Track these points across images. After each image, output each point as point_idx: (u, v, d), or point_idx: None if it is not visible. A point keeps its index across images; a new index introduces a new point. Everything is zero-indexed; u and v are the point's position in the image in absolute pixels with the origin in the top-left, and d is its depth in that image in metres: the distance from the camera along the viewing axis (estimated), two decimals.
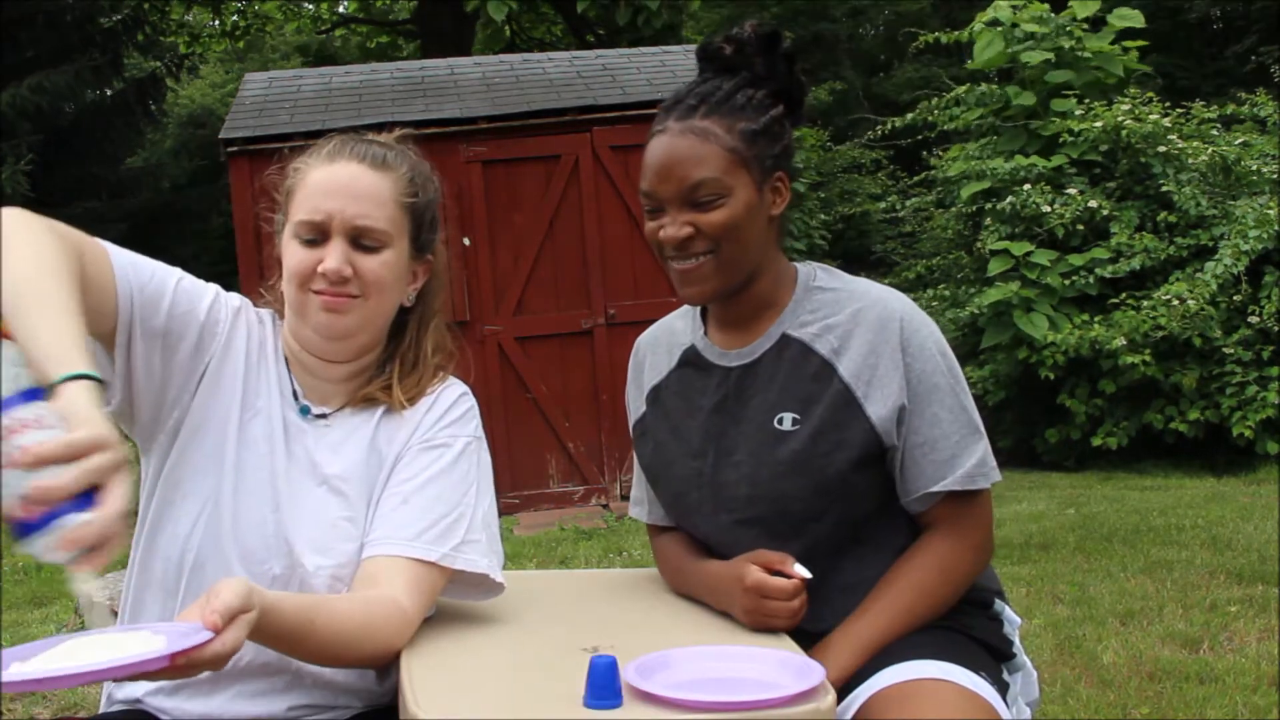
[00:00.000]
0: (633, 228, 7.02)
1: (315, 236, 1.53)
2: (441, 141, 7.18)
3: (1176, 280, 7.40)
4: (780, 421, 1.60)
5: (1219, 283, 7.11)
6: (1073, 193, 7.89)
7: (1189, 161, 7.82)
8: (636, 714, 1.21)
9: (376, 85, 8.14)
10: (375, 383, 1.61)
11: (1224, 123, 8.75)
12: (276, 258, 1.60)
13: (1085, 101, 8.27)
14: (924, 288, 9.41)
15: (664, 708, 1.22)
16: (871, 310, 1.60)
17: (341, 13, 19.12)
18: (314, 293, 1.52)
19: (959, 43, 9.39)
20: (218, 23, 16.63)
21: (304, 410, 1.59)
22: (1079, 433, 7.81)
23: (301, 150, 1.61)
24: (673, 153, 1.57)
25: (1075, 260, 7.78)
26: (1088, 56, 8.47)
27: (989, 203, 8.19)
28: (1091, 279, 7.70)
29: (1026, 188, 7.95)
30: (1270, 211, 7.25)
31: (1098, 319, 7.56)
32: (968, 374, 8.13)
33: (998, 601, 1.70)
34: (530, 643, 1.50)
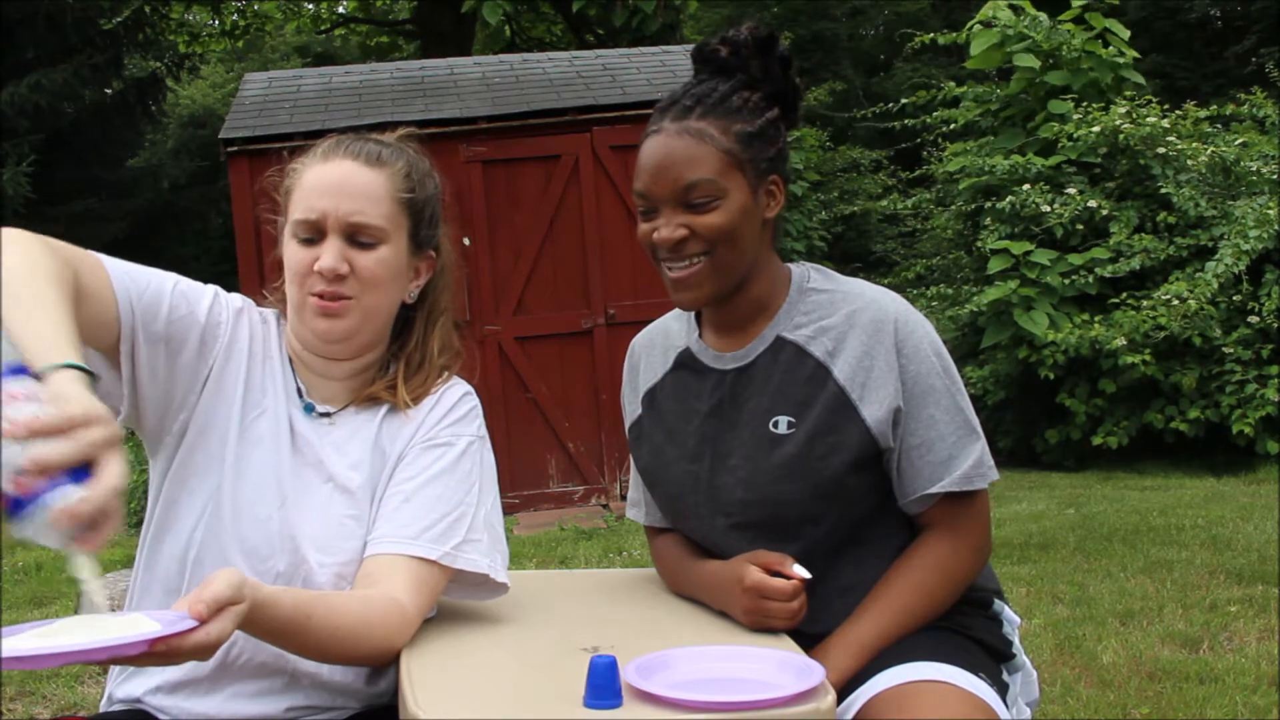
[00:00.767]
0: (632, 228, 6.96)
1: (312, 235, 1.53)
2: (441, 141, 7.18)
3: (1176, 280, 7.41)
4: (776, 425, 1.60)
5: (1220, 282, 7.11)
6: (1072, 192, 7.89)
7: (1188, 163, 7.83)
8: (636, 714, 1.21)
9: (376, 85, 8.14)
10: (380, 382, 1.61)
11: (1223, 123, 8.75)
12: (278, 259, 1.60)
13: (1083, 105, 8.27)
14: (924, 287, 9.41)
15: (664, 708, 1.22)
16: (866, 312, 1.59)
17: (341, 13, 19.12)
18: (311, 295, 1.52)
19: (957, 43, 9.39)
20: (217, 23, 16.63)
21: (308, 409, 1.59)
22: (1079, 432, 7.81)
23: (302, 151, 1.61)
24: (668, 153, 1.56)
25: (1075, 260, 7.78)
26: (1083, 59, 8.46)
27: (989, 202, 8.19)
28: (1091, 279, 7.70)
29: (1026, 187, 7.96)
30: (1270, 211, 7.25)
31: (1098, 319, 7.56)
32: (968, 374, 8.20)
33: (997, 601, 1.70)
34: (530, 643, 1.50)
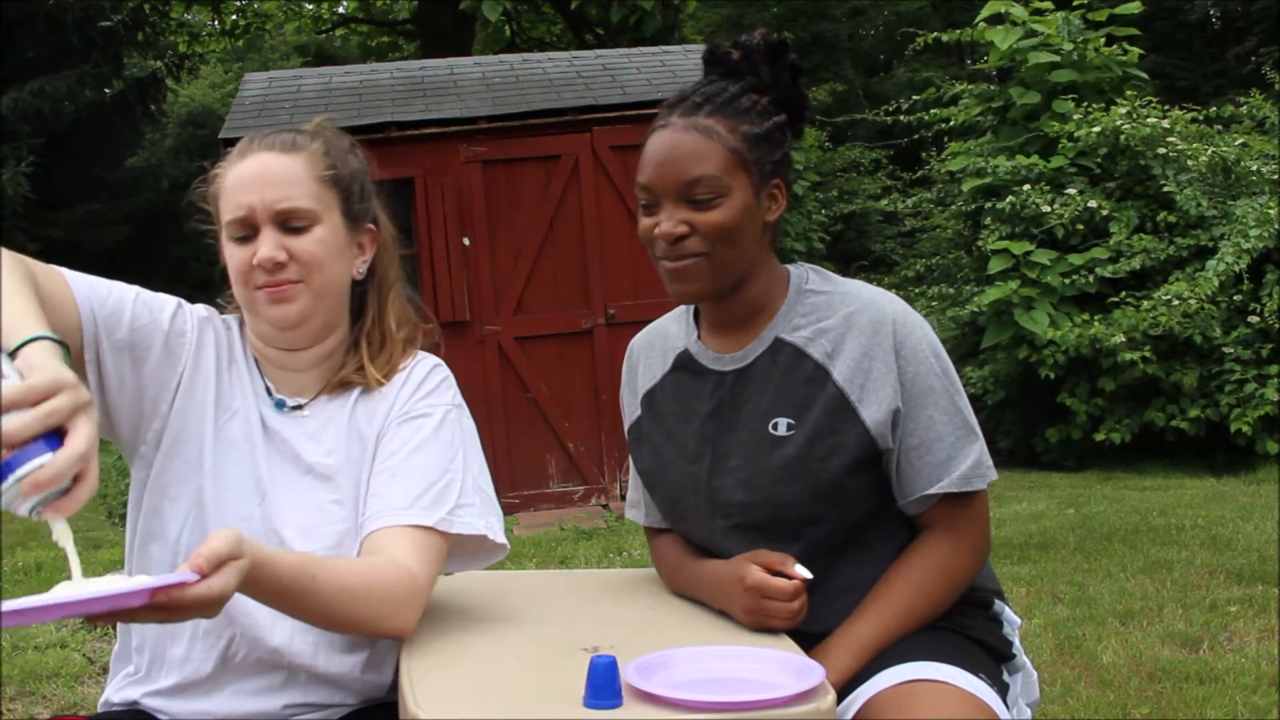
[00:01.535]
0: (633, 228, 6.99)
1: (246, 232, 1.53)
2: (441, 141, 7.19)
3: (1176, 280, 7.41)
4: (775, 427, 1.60)
5: (1220, 281, 7.12)
6: (1072, 193, 7.89)
7: (1188, 163, 7.83)
8: (636, 714, 1.21)
9: (376, 85, 8.14)
10: (347, 366, 1.62)
11: (1223, 124, 8.75)
12: (224, 268, 1.60)
13: (1084, 105, 8.27)
14: (924, 287, 9.41)
15: (664, 708, 1.22)
16: (864, 313, 1.60)
17: (341, 13, 19.12)
18: (258, 289, 1.53)
19: (959, 43, 9.39)
20: (217, 23, 16.62)
21: (279, 405, 1.60)
22: (1079, 432, 7.82)
23: (221, 158, 1.62)
24: (675, 147, 1.57)
25: (1075, 260, 7.78)
26: (1090, 57, 8.47)
27: (989, 202, 8.19)
28: (1091, 278, 7.71)
29: (1026, 188, 7.96)
30: (1270, 211, 7.25)
31: (1098, 318, 7.57)
32: (968, 374, 8.20)
33: (997, 602, 1.70)
34: (530, 643, 1.50)
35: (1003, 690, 1.56)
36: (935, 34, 9.54)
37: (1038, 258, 7.82)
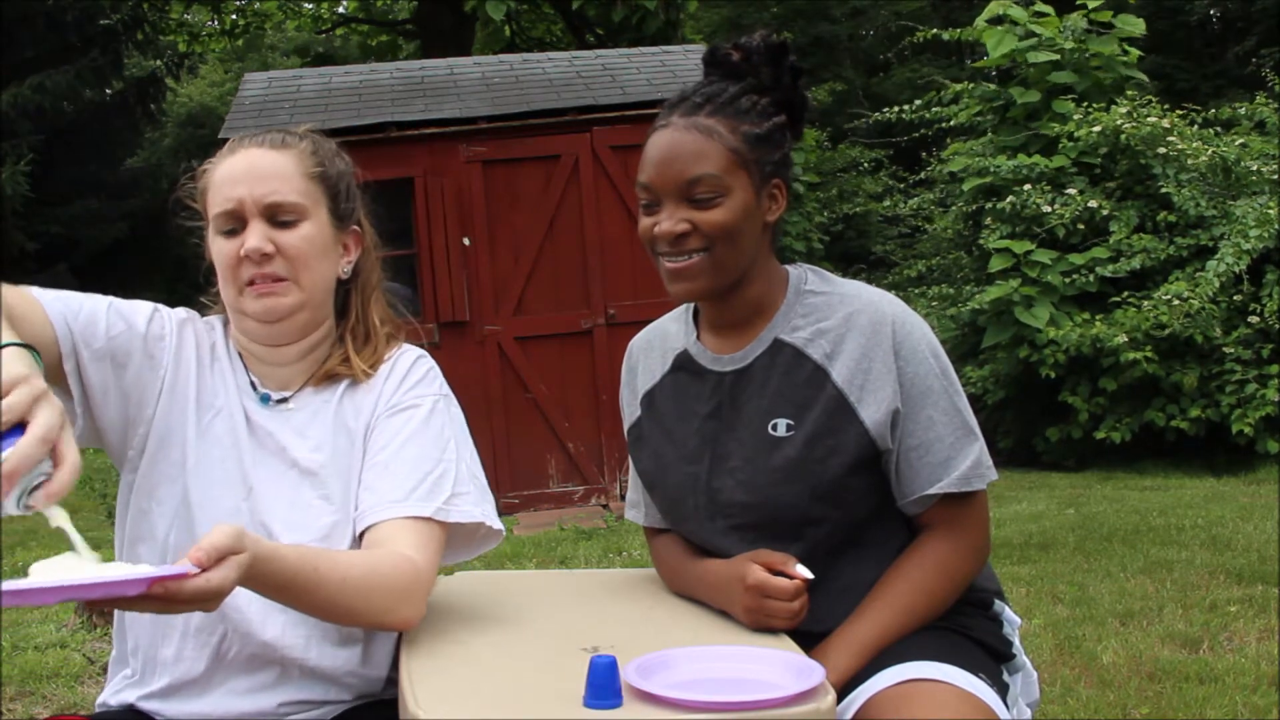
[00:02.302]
0: (633, 228, 6.97)
1: (233, 225, 1.54)
2: (441, 141, 7.19)
3: (1176, 280, 7.42)
4: (775, 427, 1.60)
5: (1220, 281, 7.12)
6: (1072, 193, 7.90)
7: (1188, 162, 7.83)
8: (636, 714, 1.21)
9: (376, 85, 8.13)
10: (333, 358, 1.62)
11: (1223, 125, 8.76)
12: (209, 262, 1.61)
13: (1084, 105, 8.27)
14: (924, 286, 9.41)
15: (664, 708, 1.22)
16: (863, 314, 1.60)
17: (341, 13, 19.12)
18: (246, 284, 1.53)
19: (959, 42, 9.38)
20: (217, 22, 16.63)
21: (264, 399, 1.60)
22: (1080, 431, 7.82)
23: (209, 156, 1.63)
24: (675, 146, 1.57)
25: (1075, 259, 7.79)
26: (1090, 58, 8.47)
27: (990, 202, 8.20)
28: (1092, 278, 7.71)
29: (1027, 187, 7.96)
30: (1270, 211, 7.25)
31: (1099, 317, 7.57)
32: (968, 373, 8.20)
33: (997, 602, 1.70)
34: (530, 643, 1.50)
35: (1003, 690, 1.56)
36: (935, 31, 9.54)
37: (1038, 257, 7.83)
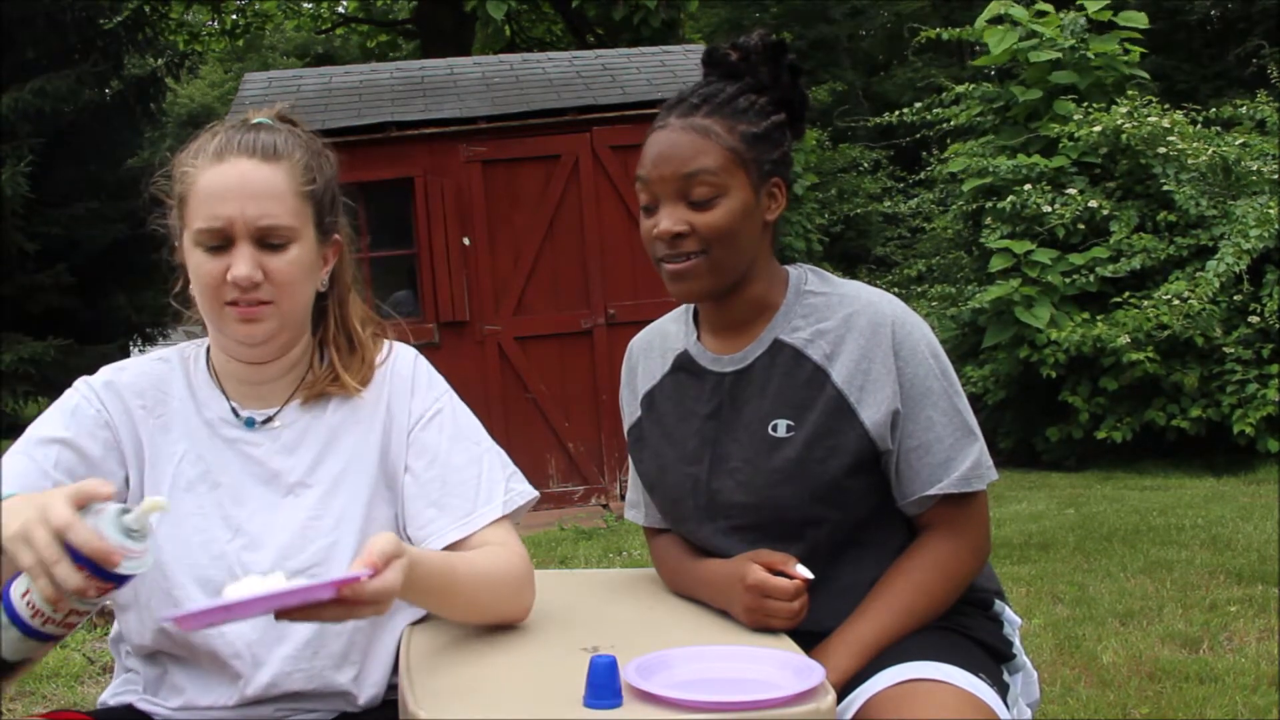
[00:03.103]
0: (633, 228, 7.03)
1: (219, 243, 1.44)
2: (441, 141, 7.19)
3: (1176, 279, 7.41)
4: (775, 428, 1.60)
5: (1221, 281, 7.12)
6: (1073, 193, 7.89)
7: (1189, 162, 7.83)
8: (636, 714, 1.21)
9: (376, 85, 8.14)
10: (321, 378, 1.57)
11: (1223, 125, 8.76)
12: (180, 263, 1.54)
13: (1084, 104, 8.27)
14: (925, 286, 9.41)
15: (664, 708, 1.22)
16: (863, 315, 1.60)
17: (341, 13, 19.12)
18: (228, 304, 1.45)
19: (960, 42, 9.38)
20: (217, 22, 16.62)
21: (249, 423, 1.55)
22: (1080, 431, 7.82)
23: (183, 149, 1.51)
24: (672, 147, 1.58)
25: (1076, 259, 7.79)
26: (1091, 58, 8.47)
27: (990, 202, 8.19)
28: (1092, 278, 7.71)
29: (1027, 187, 7.96)
30: (1271, 211, 7.25)
31: (1100, 317, 7.57)
32: (968, 373, 8.19)
33: (998, 602, 1.70)
34: (530, 643, 1.50)
35: (1003, 690, 1.56)
36: (937, 30, 9.54)
37: (1039, 257, 7.83)
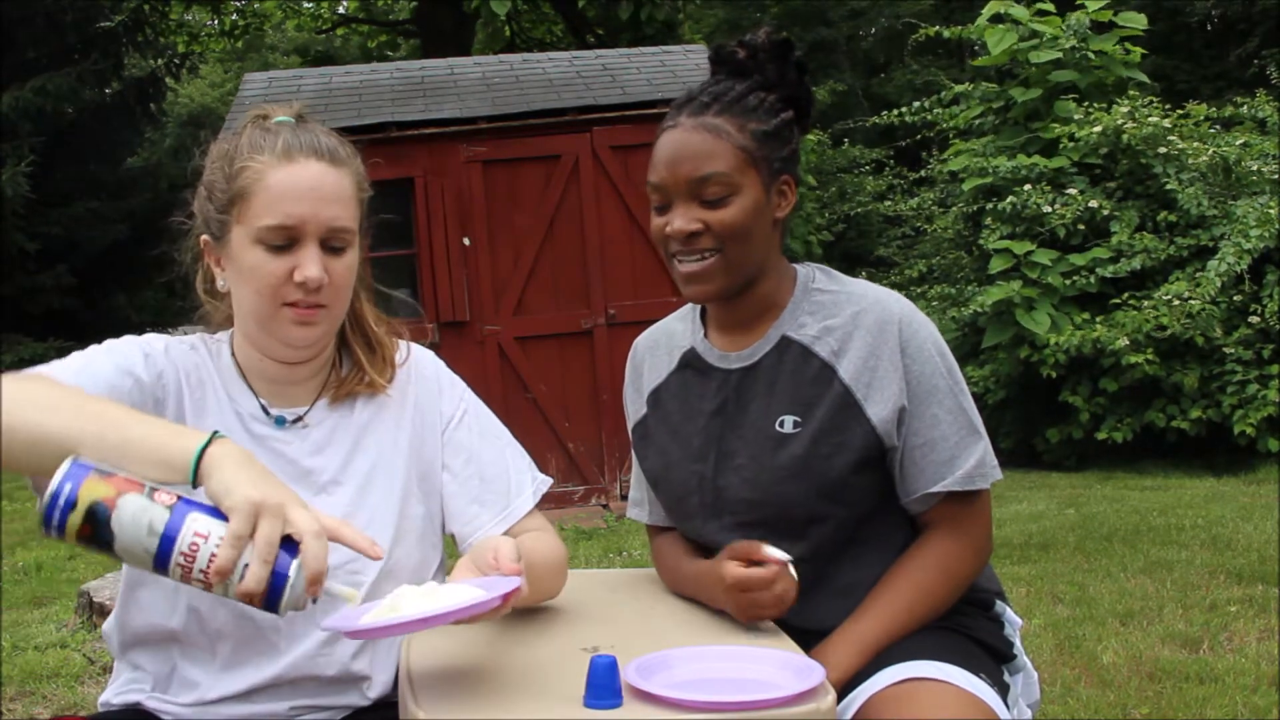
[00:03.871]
0: (633, 227, 7.03)
1: (285, 242, 1.45)
2: (441, 141, 7.18)
3: (1177, 280, 7.41)
4: (781, 424, 1.60)
5: (1221, 281, 7.12)
6: (1073, 193, 7.89)
7: (1189, 162, 7.83)
8: (636, 714, 1.21)
9: (376, 85, 8.13)
10: (350, 378, 1.60)
11: (1223, 124, 8.75)
12: (209, 261, 1.54)
13: (1085, 104, 8.27)
14: (925, 286, 9.41)
15: (664, 708, 1.22)
16: (870, 312, 1.60)
17: (341, 13, 19.13)
18: (286, 305, 1.47)
19: (960, 43, 9.38)
20: (217, 22, 16.63)
21: (279, 421, 1.56)
22: (1080, 431, 7.82)
23: (233, 142, 1.51)
24: (685, 146, 1.58)
25: (1076, 260, 7.78)
26: (1092, 58, 8.47)
27: (990, 202, 8.19)
28: (1092, 278, 7.70)
29: (1027, 188, 7.96)
30: (1271, 211, 7.25)
31: (1099, 318, 7.56)
32: (969, 373, 8.18)
33: (998, 603, 1.70)
34: (530, 643, 1.50)
35: (1003, 690, 1.56)
36: (937, 28, 9.54)
37: (1039, 258, 7.82)
